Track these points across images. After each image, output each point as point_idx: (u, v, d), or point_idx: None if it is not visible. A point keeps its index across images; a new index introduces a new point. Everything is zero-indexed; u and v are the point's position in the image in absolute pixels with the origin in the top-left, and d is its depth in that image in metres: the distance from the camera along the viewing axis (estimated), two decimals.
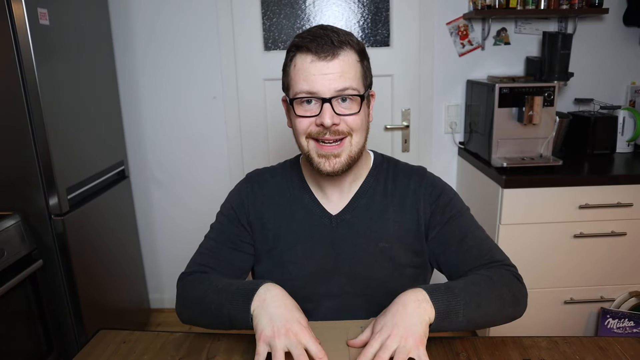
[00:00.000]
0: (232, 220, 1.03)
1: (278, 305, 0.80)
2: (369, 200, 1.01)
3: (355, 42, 0.92)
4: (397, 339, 0.75)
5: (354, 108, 0.91)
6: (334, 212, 1.01)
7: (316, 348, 0.75)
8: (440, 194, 1.00)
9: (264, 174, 1.08)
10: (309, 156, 0.94)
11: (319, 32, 0.90)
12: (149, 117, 2.34)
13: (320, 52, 0.88)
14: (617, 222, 1.83)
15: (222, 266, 1.00)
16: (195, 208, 2.43)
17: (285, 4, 2.23)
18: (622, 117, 2.11)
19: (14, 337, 1.56)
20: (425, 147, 2.37)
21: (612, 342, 0.90)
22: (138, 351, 0.92)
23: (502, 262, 0.95)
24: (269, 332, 0.76)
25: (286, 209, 1.02)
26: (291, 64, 0.93)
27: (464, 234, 0.97)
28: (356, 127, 0.92)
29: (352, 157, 0.93)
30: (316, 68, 0.88)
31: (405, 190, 1.01)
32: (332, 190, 1.01)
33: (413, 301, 0.80)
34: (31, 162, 1.62)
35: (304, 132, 0.92)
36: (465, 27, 2.24)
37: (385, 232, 0.99)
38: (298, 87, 0.90)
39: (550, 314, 1.95)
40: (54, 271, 1.71)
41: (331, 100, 0.88)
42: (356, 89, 0.90)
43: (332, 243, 0.99)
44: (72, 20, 1.79)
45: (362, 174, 1.03)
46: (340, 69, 0.89)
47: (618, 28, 2.24)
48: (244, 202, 1.03)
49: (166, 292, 2.59)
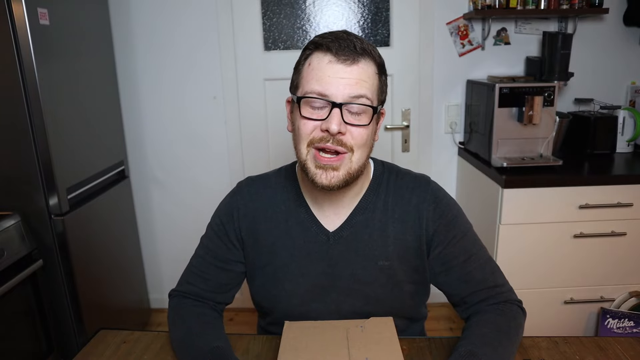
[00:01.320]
0: (221, 236, 0.99)
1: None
2: (368, 217, 0.95)
3: (377, 55, 0.88)
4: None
5: (363, 120, 0.85)
6: (331, 229, 0.95)
7: None
8: (444, 211, 0.95)
9: (256, 184, 1.02)
10: (305, 166, 0.87)
11: (341, 34, 0.85)
12: (149, 117, 2.34)
13: (340, 54, 0.82)
14: (617, 222, 1.83)
15: (210, 285, 0.99)
16: (195, 208, 2.43)
17: (285, 4, 2.23)
18: (622, 117, 2.11)
19: (14, 337, 1.56)
20: (425, 147, 2.37)
21: (612, 342, 0.90)
22: (138, 351, 0.92)
23: (506, 292, 0.93)
24: None
25: (281, 224, 0.97)
26: (306, 62, 0.87)
27: (467, 255, 0.93)
28: (361, 142, 0.86)
29: (351, 174, 0.87)
30: (333, 70, 0.83)
31: (407, 205, 0.95)
32: (329, 206, 0.95)
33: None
34: (31, 162, 1.62)
35: (307, 137, 0.86)
36: (465, 27, 2.24)
37: (385, 250, 0.94)
38: (309, 87, 0.84)
39: (550, 314, 1.95)
40: (54, 271, 1.71)
41: (342, 107, 0.83)
42: (370, 99, 0.85)
43: (329, 260, 0.95)
44: (72, 20, 1.79)
45: (362, 189, 0.97)
46: (358, 76, 0.83)
47: (618, 28, 2.24)
48: (234, 217, 0.99)
49: (166, 292, 2.55)
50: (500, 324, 0.86)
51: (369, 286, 0.95)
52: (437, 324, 2.32)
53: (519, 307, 0.92)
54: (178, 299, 1.00)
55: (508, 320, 0.88)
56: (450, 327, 2.32)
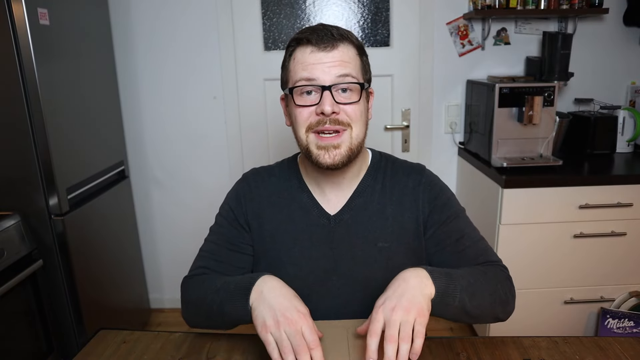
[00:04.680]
0: (231, 221, 1.03)
1: (276, 295, 0.81)
2: (367, 199, 1.00)
3: (355, 39, 0.94)
4: (400, 312, 0.75)
5: (353, 97, 0.91)
6: (332, 212, 1.00)
7: (311, 337, 0.75)
8: (439, 193, 1.00)
9: (261, 173, 1.08)
10: (308, 150, 0.93)
11: (318, 26, 0.92)
12: (149, 117, 2.34)
13: (320, 42, 0.89)
14: (617, 222, 1.83)
15: (223, 267, 1.00)
16: (195, 208, 2.43)
17: (285, 4, 2.23)
18: (622, 117, 2.11)
19: (14, 337, 1.56)
20: (425, 147, 2.37)
21: (612, 342, 0.90)
22: (138, 351, 0.92)
23: (497, 262, 0.97)
24: (271, 322, 0.77)
25: (284, 209, 1.01)
26: (290, 58, 0.93)
27: (460, 234, 0.98)
28: (355, 118, 0.91)
29: (352, 150, 0.92)
30: (316, 58, 0.89)
31: (404, 188, 1.00)
32: (331, 189, 1.00)
33: (414, 277, 0.81)
34: (31, 162, 1.62)
35: (304, 123, 0.91)
36: (465, 27, 2.24)
37: (384, 232, 0.98)
38: (297, 76, 0.90)
39: (550, 314, 1.95)
40: (54, 271, 1.71)
41: (331, 89, 0.88)
42: (356, 77, 0.91)
43: (331, 243, 0.99)
44: (72, 20, 1.79)
45: (360, 172, 1.02)
46: (340, 58, 0.89)
47: (618, 28, 2.24)
48: (241, 202, 1.03)
49: (166, 292, 2.59)
50: (480, 269, 0.92)
51: (370, 268, 0.98)
52: (437, 324, 2.32)
53: (504, 273, 0.95)
54: (193, 278, 0.99)
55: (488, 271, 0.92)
56: (450, 327, 2.32)
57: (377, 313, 0.76)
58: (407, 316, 0.74)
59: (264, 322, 0.77)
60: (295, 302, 0.80)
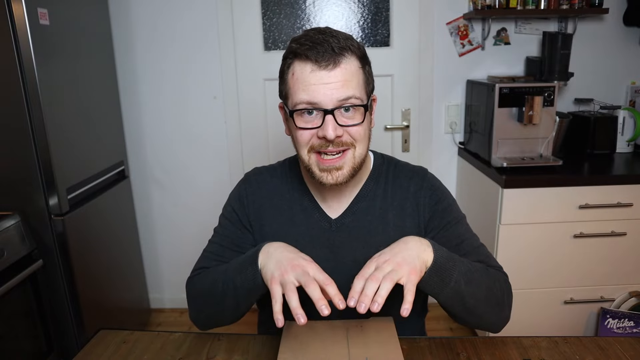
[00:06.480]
0: (235, 222, 1.03)
1: (282, 251, 0.83)
2: (369, 204, 1.00)
3: (356, 47, 0.88)
4: (392, 264, 0.76)
5: (357, 118, 0.87)
6: (333, 216, 1.00)
7: (322, 276, 0.76)
8: (440, 198, 1.00)
9: (262, 174, 1.07)
10: (310, 169, 0.91)
11: (317, 37, 0.85)
12: (149, 117, 2.34)
13: (320, 60, 0.83)
14: (617, 222, 1.83)
15: None
16: (195, 208, 2.43)
17: (285, 4, 2.23)
18: (622, 117, 2.11)
19: (14, 337, 1.56)
20: (425, 147, 2.37)
21: (612, 342, 0.90)
22: (138, 351, 0.92)
23: (498, 268, 0.96)
24: (278, 272, 0.78)
25: (285, 212, 1.01)
26: (289, 71, 0.88)
27: (460, 240, 0.97)
28: (359, 138, 0.89)
29: (355, 169, 0.91)
30: (317, 77, 0.84)
31: (406, 192, 1.00)
32: (332, 194, 1.00)
33: (415, 241, 0.82)
34: (31, 162, 1.62)
35: (306, 145, 0.89)
36: (465, 27, 2.24)
37: (385, 236, 0.97)
38: (297, 97, 0.86)
39: (550, 314, 1.95)
40: (54, 271, 1.71)
41: (334, 112, 0.85)
42: (359, 97, 0.87)
43: (331, 247, 0.99)
44: (72, 20, 1.79)
45: (363, 176, 1.01)
46: (343, 78, 0.84)
47: (618, 28, 2.24)
48: (244, 203, 1.03)
49: (166, 292, 2.58)
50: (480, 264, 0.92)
51: None
52: (437, 324, 2.32)
53: (504, 278, 0.95)
54: (197, 274, 1.00)
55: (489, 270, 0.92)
56: (450, 327, 2.32)
57: (369, 262, 0.78)
58: (398, 268, 0.75)
59: (272, 275, 0.78)
60: (301, 254, 0.82)
